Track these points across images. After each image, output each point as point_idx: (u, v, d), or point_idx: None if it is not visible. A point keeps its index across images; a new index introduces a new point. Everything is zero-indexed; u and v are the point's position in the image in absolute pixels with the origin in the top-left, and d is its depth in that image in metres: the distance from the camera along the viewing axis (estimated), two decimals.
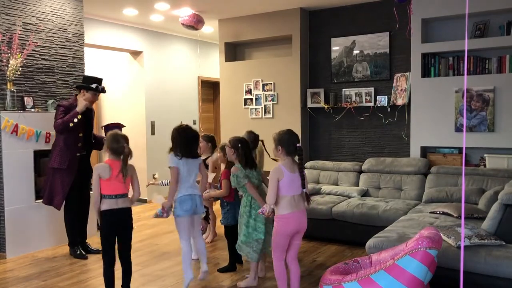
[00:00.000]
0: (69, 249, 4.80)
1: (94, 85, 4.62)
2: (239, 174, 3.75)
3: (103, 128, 4.88)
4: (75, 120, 4.51)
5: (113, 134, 3.42)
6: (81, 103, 4.58)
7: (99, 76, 4.89)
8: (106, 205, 3.33)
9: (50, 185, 4.65)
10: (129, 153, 3.36)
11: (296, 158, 3.31)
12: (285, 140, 3.27)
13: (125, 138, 3.41)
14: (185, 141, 3.57)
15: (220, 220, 4.28)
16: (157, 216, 3.71)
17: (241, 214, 3.83)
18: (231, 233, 4.16)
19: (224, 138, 7.15)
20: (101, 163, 3.40)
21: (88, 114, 4.77)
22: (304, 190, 3.27)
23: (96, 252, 4.74)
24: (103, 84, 4.78)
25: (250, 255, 3.78)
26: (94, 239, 5.28)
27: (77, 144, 4.65)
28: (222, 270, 4.19)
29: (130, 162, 3.46)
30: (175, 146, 3.60)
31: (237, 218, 3.98)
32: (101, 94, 4.93)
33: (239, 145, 3.82)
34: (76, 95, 4.72)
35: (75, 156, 4.64)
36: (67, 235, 4.77)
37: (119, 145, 3.33)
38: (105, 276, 3.44)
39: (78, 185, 4.72)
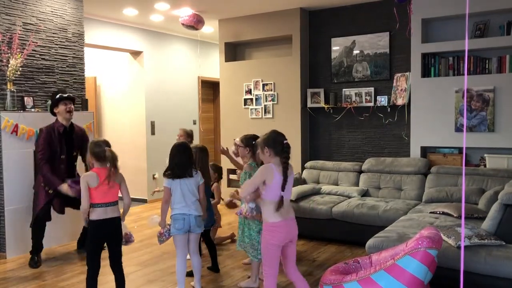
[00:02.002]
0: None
1: (58, 96, 4.49)
2: (252, 172, 3.68)
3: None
4: (49, 190, 4.43)
5: (93, 140, 3.43)
6: (63, 188, 4.36)
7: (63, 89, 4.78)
8: (96, 214, 3.26)
9: (35, 202, 4.55)
10: (113, 157, 3.27)
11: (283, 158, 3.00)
12: (272, 139, 3.02)
13: (106, 143, 3.36)
14: (178, 161, 3.52)
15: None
16: (161, 241, 3.65)
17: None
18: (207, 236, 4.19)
19: (224, 138, 7.16)
20: (88, 171, 3.35)
21: (69, 135, 4.59)
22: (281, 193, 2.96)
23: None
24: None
25: (253, 255, 3.78)
26: None
27: (59, 167, 4.49)
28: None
29: (126, 167, 3.45)
30: (169, 166, 3.55)
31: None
32: (101, 94, 4.90)
33: (253, 142, 3.70)
34: (56, 117, 4.57)
35: (60, 180, 4.44)
36: (32, 243, 4.55)
37: (101, 149, 3.27)
38: (88, 286, 3.39)
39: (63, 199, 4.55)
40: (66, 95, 4.55)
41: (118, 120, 7.92)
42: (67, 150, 4.57)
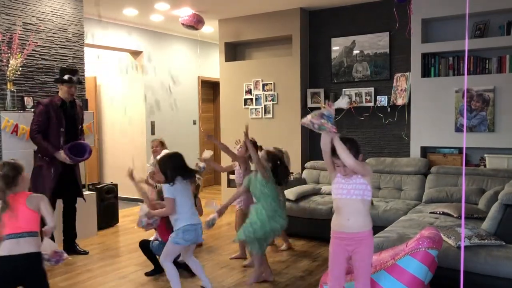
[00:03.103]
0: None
1: (66, 77, 4.50)
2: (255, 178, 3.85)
3: (66, 149, 4.49)
4: (45, 157, 4.47)
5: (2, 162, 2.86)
6: (60, 155, 4.43)
7: (74, 68, 4.74)
8: (3, 249, 2.64)
9: (34, 183, 4.49)
10: (14, 181, 2.72)
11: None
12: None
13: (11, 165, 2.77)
14: (174, 164, 3.49)
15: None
16: (144, 226, 3.65)
17: (257, 211, 3.80)
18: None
19: (224, 138, 7.15)
20: None
21: (69, 109, 4.62)
22: None
23: (83, 253, 4.77)
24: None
25: (256, 250, 3.79)
26: (90, 241, 5.30)
27: (58, 140, 4.49)
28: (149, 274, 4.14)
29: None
30: (167, 175, 3.45)
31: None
32: (101, 94, 4.90)
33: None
34: (57, 92, 4.66)
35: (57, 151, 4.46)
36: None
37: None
38: None
39: (62, 186, 4.61)
40: (74, 77, 4.57)
41: (118, 120, 7.92)
42: (66, 124, 4.58)
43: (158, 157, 4.44)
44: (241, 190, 4.05)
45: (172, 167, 3.47)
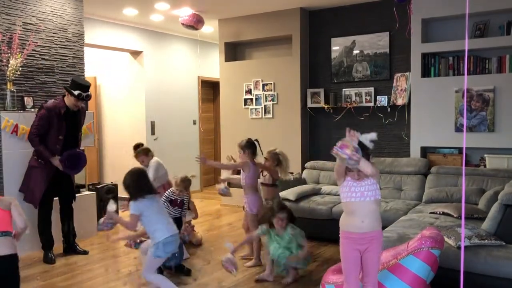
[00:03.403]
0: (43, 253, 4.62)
1: (76, 92, 4.46)
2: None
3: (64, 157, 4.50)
4: (41, 160, 4.48)
5: None
6: (55, 161, 4.45)
7: (87, 83, 4.67)
8: None
9: (27, 183, 4.59)
10: None
11: None
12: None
13: None
14: (137, 181, 3.46)
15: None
16: (100, 229, 3.58)
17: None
18: None
19: (224, 138, 7.15)
20: None
21: (71, 116, 4.61)
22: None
23: (83, 253, 4.77)
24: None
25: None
26: (90, 241, 5.30)
27: (55, 146, 4.50)
28: None
29: None
30: (130, 192, 3.44)
31: None
32: (101, 94, 4.90)
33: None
34: (64, 95, 4.61)
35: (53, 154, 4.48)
36: (40, 238, 4.63)
37: None
38: None
39: (57, 185, 4.62)
40: (85, 94, 4.51)
41: (118, 120, 7.92)
42: (67, 132, 4.56)
43: (148, 168, 4.53)
44: (254, 235, 4.21)
45: (133, 185, 3.43)
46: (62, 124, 4.51)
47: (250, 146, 4.34)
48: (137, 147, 5.40)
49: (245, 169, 4.38)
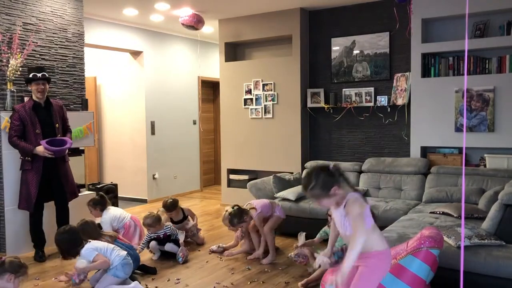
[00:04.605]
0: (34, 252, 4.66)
1: (31, 75, 4.47)
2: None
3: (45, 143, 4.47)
4: (26, 157, 4.50)
5: None
6: (40, 149, 4.43)
7: (40, 66, 4.64)
8: None
9: (20, 189, 4.60)
10: None
11: None
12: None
13: None
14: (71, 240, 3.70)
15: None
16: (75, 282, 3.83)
17: None
18: None
19: (224, 138, 7.15)
20: None
21: (44, 110, 4.59)
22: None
23: None
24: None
25: None
26: None
27: (36, 141, 4.47)
28: None
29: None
30: (70, 252, 3.69)
31: None
32: (101, 94, 4.89)
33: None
34: (31, 95, 4.61)
35: (36, 155, 4.47)
36: (31, 237, 4.65)
37: None
38: None
39: (47, 185, 4.61)
40: (39, 74, 4.51)
41: (118, 120, 7.92)
42: (42, 125, 4.55)
43: (98, 220, 4.63)
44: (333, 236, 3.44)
45: (69, 244, 3.66)
46: (35, 119, 4.51)
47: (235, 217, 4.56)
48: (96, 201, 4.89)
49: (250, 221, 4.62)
